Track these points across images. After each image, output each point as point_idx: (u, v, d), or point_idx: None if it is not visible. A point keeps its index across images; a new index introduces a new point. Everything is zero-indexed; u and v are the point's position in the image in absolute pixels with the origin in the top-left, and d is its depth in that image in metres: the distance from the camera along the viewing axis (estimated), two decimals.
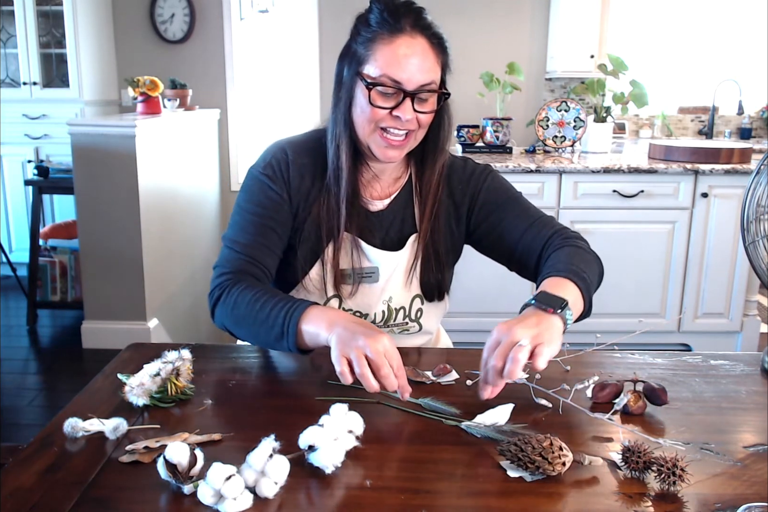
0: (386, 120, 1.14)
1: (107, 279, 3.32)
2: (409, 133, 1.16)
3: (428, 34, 1.13)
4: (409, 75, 1.10)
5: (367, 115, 1.14)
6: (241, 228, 1.20)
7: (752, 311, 3.33)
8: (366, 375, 0.92)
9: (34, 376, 3.27)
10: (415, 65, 1.10)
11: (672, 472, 0.77)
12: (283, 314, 1.05)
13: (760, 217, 1.13)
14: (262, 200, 1.21)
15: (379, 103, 1.12)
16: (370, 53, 1.12)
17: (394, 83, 1.11)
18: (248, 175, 1.25)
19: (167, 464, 0.75)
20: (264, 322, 1.07)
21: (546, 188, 3.16)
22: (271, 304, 1.07)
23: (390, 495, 0.76)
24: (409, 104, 1.12)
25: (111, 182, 3.21)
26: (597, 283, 1.19)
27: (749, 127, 5.00)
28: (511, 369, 0.91)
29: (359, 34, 1.14)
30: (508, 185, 1.31)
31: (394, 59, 1.10)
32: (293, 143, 1.26)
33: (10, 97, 4.37)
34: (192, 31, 4.58)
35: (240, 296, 1.11)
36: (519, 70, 3.49)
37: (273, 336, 1.06)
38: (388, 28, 1.11)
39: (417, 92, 1.12)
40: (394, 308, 1.28)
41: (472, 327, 3.03)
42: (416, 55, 1.11)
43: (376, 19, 1.12)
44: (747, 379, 1.11)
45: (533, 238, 1.23)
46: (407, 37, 1.11)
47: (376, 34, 1.11)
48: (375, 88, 1.11)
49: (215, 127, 4.52)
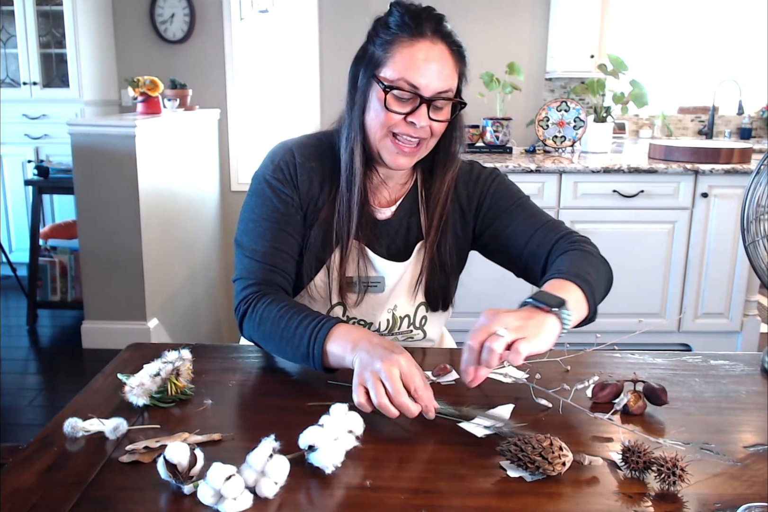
0: (400, 126, 1.11)
1: (107, 279, 3.32)
2: (420, 141, 1.14)
3: (449, 41, 1.11)
4: (428, 81, 1.08)
5: (381, 119, 1.11)
6: (258, 235, 1.18)
7: (752, 311, 3.33)
8: (383, 405, 0.89)
9: (34, 376, 3.27)
10: (434, 71, 1.08)
11: (672, 472, 0.77)
12: (308, 335, 1.03)
13: (760, 217, 1.13)
14: (277, 205, 1.18)
15: (394, 107, 1.10)
16: (388, 56, 1.09)
17: (411, 88, 1.08)
18: (257, 178, 1.22)
19: (167, 464, 0.75)
20: (290, 341, 1.05)
21: (546, 188, 3.17)
22: (296, 322, 1.05)
23: (390, 495, 0.76)
24: (425, 111, 1.10)
25: (111, 182, 3.21)
26: (605, 287, 1.17)
27: (749, 127, 5.00)
28: (488, 359, 0.89)
29: (377, 36, 1.12)
30: (515, 189, 1.28)
31: (413, 63, 1.08)
32: (300, 145, 1.22)
33: (10, 97, 4.37)
34: (192, 31, 4.58)
35: (266, 311, 1.09)
36: (519, 70, 3.49)
37: (300, 356, 1.05)
38: (409, 31, 1.09)
39: (433, 99, 1.10)
40: (398, 316, 1.26)
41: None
42: (436, 61, 1.09)
43: (396, 22, 1.10)
44: (747, 379, 1.11)
45: (539, 243, 1.20)
46: (428, 42, 1.09)
47: (395, 37, 1.09)
48: (391, 92, 1.09)
49: (215, 127, 4.52)
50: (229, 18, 4.57)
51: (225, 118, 4.64)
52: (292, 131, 1.29)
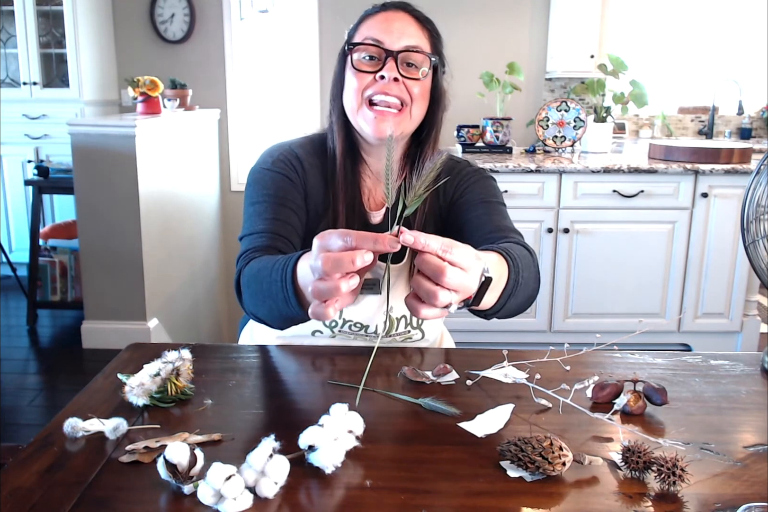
0: (372, 86, 1.12)
1: (107, 279, 3.32)
2: (402, 107, 1.13)
3: (414, 12, 1.16)
4: (392, 37, 1.11)
5: (354, 84, 1.13)
6: (257, 215, 1.13)
7: (752, 311, 3.33)
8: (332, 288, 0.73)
9: (34, 376, 3.27)
10: (398, 28, 1.12)
11: (672, 472, 0.77)
12: (280, 270, 0.91)
13: (760, 217, 1.13)
14: (277, 186, 1.16)
15: (363, 67, 1.13)
16: (356, 30, 1.16)
17: (375, 42, 1.12)
18: (254, 173, 1.20)
19: (167, 464, 0.75)
20: (269, 289, 0.93)
21: (546, 188, 3.16)
22: (269, 267, 0.94)
23: (390, 495, 0.76)
24: (393, 64, 1.11)
25: (111, 182, 3.21)
26: (529, 278, 1.01)
27: (749, 127, 5.00)
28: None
29: (352, 28, 1.20)
30: (494, 190, 1.25)
31: (376, 24, 1.13)
32: (297, 144, 1.23)
33: (10, 97, 4.37)
34: (192, 31, 4.58)
35: (249, 273, 1.02)
36: (519, 70, 3.49)
37: (279, 303, 0.92)
38: (374, 9, 1.17)
39: (400, 52, 1.11)
40: (395, 318, 1.26)
41: (473, 327, 3.03)
42: (399, 21, 1.13)
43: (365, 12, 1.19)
44: (747, 379, 1.11)
45: (485, 239, 1.14)
46: (391, 12, 1.15)
47: (362, 17, 1.17)
48: (356, 50, 1.12)
49: (215, 127, 4.52)
50: (229, 18, 4.57)
51: (225, 118, 4.64)
52: (292, 131, 1.30)
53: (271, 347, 1.23)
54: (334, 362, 1.14)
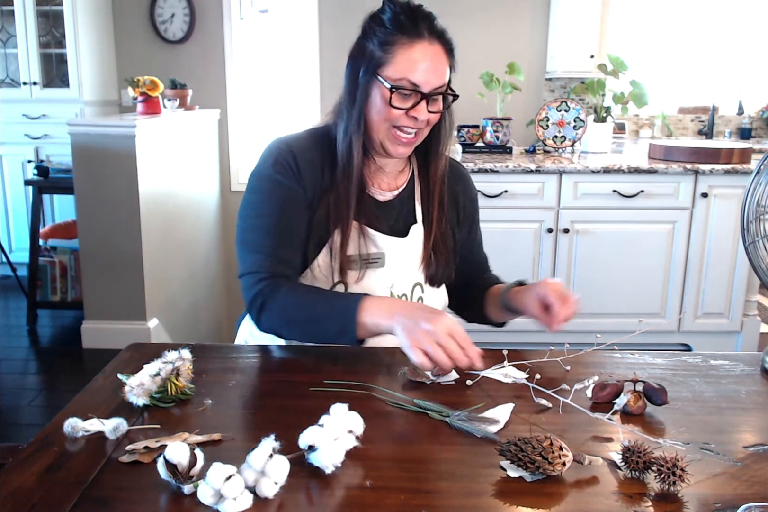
0: (402, 119, 1.21)
1: (107, 279, 3.32)
2: (418, 131, 1.23)
3: (443, 40, 1.21)
4: (427, 78, 1.18)
5: (384, 114, 1.21)
6: (264, 231, 1.22)
7: (752, 311, 3.33)
8: (442, 362, 1.00)
9: (34, 376, 3.27)
10: (432, 70, 1.19)
11: (672, 472, 0.77)
12: (338, 311, 1.11)
13: (760, 217, 1.13)
14: (281, 200, 1.23)
15: (397, 104, 1.19)
16: (389, 56, 1.18)
17: (413, 86, 1.18)
18: (256, 175, 1.26)
19: (167, 464, 0.75)
20: (319, 321, 1.13)
21: (546, 188, 3.16)
22: (322, 302, 1.15)
23: (390, 495, 0.76)
24: (425, 106, 1.20)
25: (111, 182, 3.21)
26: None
27: (749, 127, 5.00)
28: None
29: (375, 34, 1.20)
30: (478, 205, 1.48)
31: (414, 64, 1.18)
32: (295, 139, 1.28)
33: (10, 97, 4.37)
34: (192, 31, 4.58)
35: (288, 299, 1.16)
36: (519, 70, 3.49)
37: (331, 333, 1.13)
38: (407, 32, 1.18)
39: (432, 94, 1.20)
40: (396, 295, 1.30)
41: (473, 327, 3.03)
42: (433, 61, 1.19)
43: (392, 22, 1.18)
44: (747, 379, 1.11)
45: (480, 261, 1.49)
46: (426, 43, 1.18)
47: (395, 38, 1.18)
48: (396, 91, 1.18)
49: (215, 127, 4.52)
50: (229, 18, 4.57)
51: (225, 118, 4.64)
52: (292, 131, 1.32)
53: (271, 347, 1.24)
54: (335, 362, 1.14)
